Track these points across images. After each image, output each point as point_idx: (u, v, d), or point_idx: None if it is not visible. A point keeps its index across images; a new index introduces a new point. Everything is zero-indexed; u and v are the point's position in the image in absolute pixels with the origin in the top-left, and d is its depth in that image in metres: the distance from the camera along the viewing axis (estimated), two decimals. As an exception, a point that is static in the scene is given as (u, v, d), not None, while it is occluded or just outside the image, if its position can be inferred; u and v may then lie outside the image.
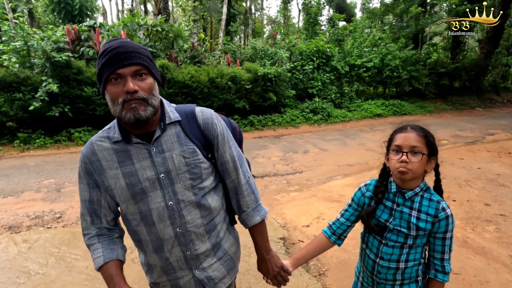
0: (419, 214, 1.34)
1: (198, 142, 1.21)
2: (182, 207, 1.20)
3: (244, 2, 19.18)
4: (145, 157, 1.16)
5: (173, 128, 1.19)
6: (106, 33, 8.73)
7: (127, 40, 1.10)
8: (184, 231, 1.22)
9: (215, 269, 1.33)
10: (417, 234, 1.34)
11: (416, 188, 1.35)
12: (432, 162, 1.35)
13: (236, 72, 9.75)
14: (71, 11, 15.18)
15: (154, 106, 1.11)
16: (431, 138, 1.33)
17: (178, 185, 1.18)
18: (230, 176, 1.31)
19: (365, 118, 12.23)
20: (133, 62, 1.05)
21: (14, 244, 3.43)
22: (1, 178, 5.42)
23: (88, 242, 1.24)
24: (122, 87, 1.05)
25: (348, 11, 30.92)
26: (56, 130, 7.90)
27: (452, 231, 1.34)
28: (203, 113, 1.25)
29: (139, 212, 1.19)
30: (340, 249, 3.30)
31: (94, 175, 1.19)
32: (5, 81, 7.26)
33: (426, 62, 15.69)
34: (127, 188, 1.16)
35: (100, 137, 1.20)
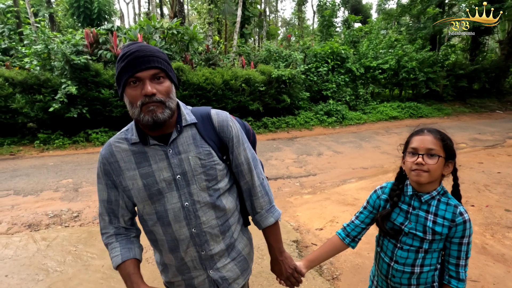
0: (435, 218, 1.32)
1: (213, 144, 1.23)
2: (198, 208, 1.21)
3: (258, 4, 19.24)
4: (162, 158, 1.18)
5: (189, 130, 1.21)
6: (123, 36, 8.91)
7: (146, 44, 1.12)
8: (199, 232, 1.23)
9: (229, 270, 1.34)
10: (433, 238, 1.32)
11: (433, 191, 1.33)
12: (450, 166, 1.33)
13: (250, 74, 9.78)
14: (89, 15, 15.57)
15: (171, 109, 1.12)
16: (448, 142, 1.31)
17: (194, 186, 1.20)
18: (245, 178, 1.33)
19: (380, 121, 12.06)
20: (151, 65, 1.07)
21: (33, 242, 3.53)
22: (22, 177, 5.59)
23: (106, 241, 1.27)
24: (140, 90, 1.07)
25: (363, 12, 30.61)
26: (74, 131, 8.10)
27: (470, 237, 1.31)
28: (218, 116, 1.26)
29: (156, 212, 1.21)
30: (354, 253, 3.27)
31: (112, 176, 1.22)
32: (27, 83, 7.50)
33: (444, 63, 15.35)
34: (144, 189, 1.19)
35: (118, 138, 1.23)
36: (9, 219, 4.10)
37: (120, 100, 7.99)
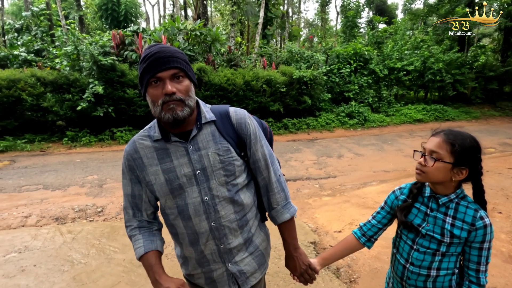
0: (454, 221, 1.29)
1: (232, 141, 1.27)
2: (217, 202, 1.26)
3: (281, 5, 19.23)
4: (183, 154, 1.23)
5: (209, 127, 1.26)
6: (148, 37, 9.14)
7: (166, 45, 1.18)
8: (218, 225, 1.28)
9: (247, 264, 1.38)
10: (451, 241, 1.29)
11: (451, 194, 1.31)
12: (462, 172, 1.26)
13: (271, 75, 9.79)
14: (117, 17, 16.09)
15: (190, 107, 1.18)
16: (459, 147, 1.24)
17: (213, 181, 1.24)
18: (262, 174, 1.37)
19: (404, 123, 11.77)
20: (171, 66, 1.13)
21: (60, 234, 3.69)
22: (51, 172, 5.84)
23: (130, 233, 1.35)
24: (161, 90, 1.13)
25: (388, 12, 29.98)
26: (100, 129, 8.38)
27: (491, 242, 1.28)
28: (236, 113, 1.31)
29: (177, 206, 1.27)
30: (373, 257, 3.22)
31: (136, 171, 1.28)
32: (57, 82, 7.84)
33: (473, 65, 14.79)
34: (166, 184, 1.24)
35: (142, 136, 1.29)
36: (38, 212, 4.30)
37: (143, 100, 8.21)
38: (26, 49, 10.56)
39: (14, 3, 22.41)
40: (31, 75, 7.77)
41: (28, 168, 6.09)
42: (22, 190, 5.04)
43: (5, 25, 12.86)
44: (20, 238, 3.58)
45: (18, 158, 6.72)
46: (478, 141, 1.28)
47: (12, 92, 7.39)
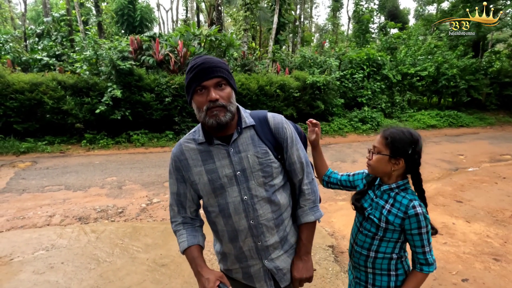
0: (391, 208, 1.45)
1: (269, 144, 1.37)
2: (255, 202, 1.35)
3: (293, 11, 19.35)
4: (224, 156, 1.33)
5: (248, 131, 1.36)
6: (164, 42, 9.33)
7: (210, 56, 1.29)
8: (256, 224, 1.37)
9: (283, 260, 1.46)
10: (386, 227, 1.45)
11: (392, 184, 1.49)
12: (399, 163, 1.45)
13: (285, 80, 9.88)
14: (132, 22, 16.43)
15: (232, 112, 1.28)
16: (390, 139, 1.44)
17: (252, 181, 1.34)
18: (297, 176, 1.45)
19: (417, 129, 11.68)
20: (215, 75, 1.24)
21: (84, 234, 3.81)
22: (72, 174, 6.01)
23: (175, 229, 1.47)
24: (206, 97, 1.24)
25: (401, 18, 29.84)
26: (117, 132, 8.56)
27: (427, 227, 1.41)
28: (274, 118, 1.41)
29: (218, 205, 1.37)
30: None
31: (182, 171, 1.40)
32: (77, 86, 8.07)
33: (488, 71, 14.63)
34: (209, 183, 1.35)
35: (187, 139, 1.41)
36: (62, 211, 4.45)
37: (189, 106, 8.33)
38: (46, 53, 10.87)
39: (33, 9, 23.06)
40: (53, 79, 8.00)
41: (49, 169, 6.28)
42: (45, 190, 5.20)
43: (27, 30, 13.26)
44: (47, 237, 3.72)
45: (40, 159, 6.92)
46: (415, 135, 1.46)
47: (34, 95, 7.63)
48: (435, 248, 3.56)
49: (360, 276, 1.61)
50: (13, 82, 7.59)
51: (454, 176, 6.34)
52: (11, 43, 10.83)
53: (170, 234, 3.80)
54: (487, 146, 9.29)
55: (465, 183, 5.89)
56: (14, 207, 4.53)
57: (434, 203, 4.90)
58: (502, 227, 4.11)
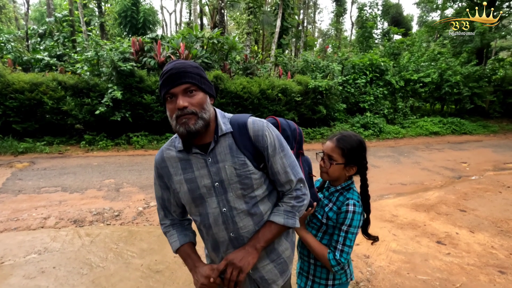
0: (333, 206, 1.57)
1: (248, 154, 1.27)
2: (235, 214, 1.29)
3: (297, 15, 19.35)
4: (203, 166, 1.28)
5: (227, 139, 1.28)
6: (166, 45, 9.28)
7: (181, 61, 1.23)
8: (237, 236, 1.31)
9: (268, 271, 1.39)
10: (327, 222, 1.56)
11: (337, 186, 1.61)
12: (352, 169, 1.57)
13: (287, 84, 9.82)
14: (135, 24, 16.43)
15: (204, 119, 1.21)
16: (348, 151, 1.53)
17: (231, 193, 1.28)
18: (283, 186, 1.36)
19: (420, 136, 11.61)
20: (182, 81, 1.17)
21: (78, 237, 3.72)
22: (69, 175, 5.93)
23: (165, 230, 1.46)
24: (175, 104, 1.18)
25: (404, 24, 29.84)
26: (117, 133, 8.50)
27: (350, 227, 1.47)
28: (254, 125, 1.29)
29: (199, 214, 1.34)
30: (393, 272, 3.16)
31: (164, 178, 1.37)
32: (77, 87, 8.02)
33: (491, 78, 14.55)
34: (188, 193, 1.30)
35: (168, 146, 1.36)
36: (57, 214, 4.36)
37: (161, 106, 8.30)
38: (48, 54, 10.84)
39: (37, 9, 23.15)
40: (53, 79, 7.96)
41: (47, 170, 6.20)
42: (41, 192, 5.12)
43: (29, 30, 13.26)
44: (40, 240, 3.63)
45: (38, 160, 6.85)
46: (363, 142, 1.59)
47: (34, 95, 7.58)
48: (438, 258, 3.46)
49: (303, 266, 1.70)
50: (13, 81, 7.54)
51: (457, 184, 6.24)
52: (13, 42, 10.81)
53: (166, 239, 3.70)
54: (491, 154, 9.18)
55: (469, 191, 5.78)
56: (9, 208, 4.45)
57: (437, 212, 4.80)
58: (507, 238, 4.00)
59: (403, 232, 4.11)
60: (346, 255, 1.47)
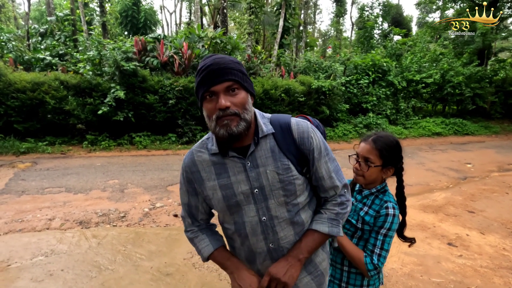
0: (368, 210, 1.51)
1: (292, 158, 1.18)
2: (276, 224, 1.19)
3: (298, 15, 19.32)
4: (240, 171, 1.17)
5: (268, 142, 1.18)
6: (169, 44, 9.23)
7: (220, 56, 1.11)
8: (277, 247, 1.21)
9: (306, 284, 1.29)
10: (362, 227, 1.49)
11: (372, 189, 1.54)
12: (390, 171, 1.52)
13: (290, 84, 9.78)
14: (136, 24, 16.37)
15: (247, 120, 1.10)
16: (386, 152, 1.48)
17: (272, 201, 1.17)
18: (327, 193, 1.26)
19: (422, 136, 11.58)
20: (225, 78, 1.06)
21: (85, 239, 3.66)
22: (73, 175, 5.87)
23: (192, 236, 1.35)
24: (215, 104, 1.07)
25: (404, 25, 29.87)
26: (119, 133, 8.43)
27: (388, 231, 1.43)
28: (298, 126, 1.21)
29: (234, 223, 1.23)
30: (406, 275, 3.11)
31: (194, 184, 1.26)
32: (80, 86, 7.95)
33: (492, 79, 14.55)
34: (223, 200, 1.19)
35: (200, 148, 1.25)
36: (62, 215, 4.30)
37: (200, 113, 8.23)
38: (49, 53, 10.76)
39: (37, 9, 23.04)
40: (55, 78, 7.89)
41: (50, 170, 6.13)
42: (45, 192, 5.06)
43: (30, 29, 13.17)
44: (46, 241, 3.57)
45: (40, 160, 6.78)
46: (399, 143, 1.53)
47: (36, 94, 7.51)
48: (450, 260, 3.42)
49: (335, 274, 1.62)
50: (14, 81, 7.47)
51: (463, 185, 6.20)
52: (14, 41, 10.73)
53: (174, 241, 3.66)
54: (494, 155, 9.16)
55: (475, 192, 5.75)
56: (13, 209, 4.38)
57: (445, 213, 4.76)
58: (519, 240, 3.96)
59: (413, 233, 4.07)
60: (383, 259, 1.42)
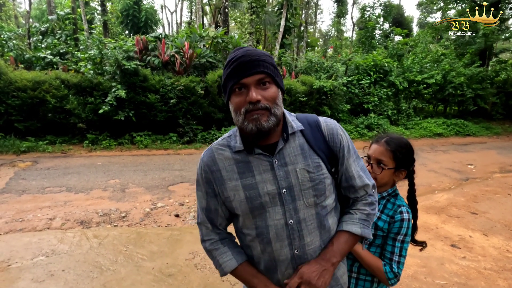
0: (381, 215, 1.45)
1: (323, 155, 1.13)
2: (303, 227, 1.11)
3: (299, 15, 19.29)
4: (267, 169, 1.10)
5: (297, 139, 1.13)
6: (170, 43, 9.20)
7: (252, 48, 1.07)
8: (302, 254, 1.12)
9: None
10: (375, 233, 1.43)
11: (383, 192, 1.48)
12: (402, 173, 1.48)
13: (291, 84, 9.75)
14: (137, 23, 16.34)
15: (277, 116, 1.05)
16: (399, 154, 1.43)
17: (301, 201, 1.10)
18: (357, 193, 1.19)
19: (424, 137, 11.56)
20: (257, 71, 1.01)
21: (86, 239, 3.63)
22: (73, 175, 5.84)
23: (211, 247, 1.22)
24: (245, 97, 1.02)
25: (405, 25, 29.82)
26: (120, 133, 8.40)
27: (405, 237, 1.38)
28: (327, 123, 1.18)
29: (256, 227, 1.13)
30: (410, 277, 3.08)
31: (213, 185, 1.16)
32: (81, 85, 7.92)
33: (494, 80, 14.52)
34: (246, 201, 1.11)
35: (221, 145, 1.17)
36: (63, 214, 4.27)
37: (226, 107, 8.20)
38: (50, 52, 10.73)
39: (37, 8, 23.01)
40: (56, 77, 7.86)
41: (50, 169, 6.11)
42: (45, 192, 5.03)
43: (31, 28, 13.14)
44: (47, 241, 3.54)
45: (40, 159, 6.75)
46: (412, 145, 1.50)
47: (37, 93, 7.48)
48: (454, 262, 3.39)
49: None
50: (15, 79, 7.44)
51: (465, 186, 6.18)
52: (15, 40, 10.70)
53: (176, 241, 3.63)
54: (496, 156, 9.13)
55: (478, 194, 5.72)
56: (13, 209, 4.36)
57: (448, 214, 4.73)
58: (523, 241, 3.94)
59: (416, 235, 4.04)
60: (402, 265, 1.37)
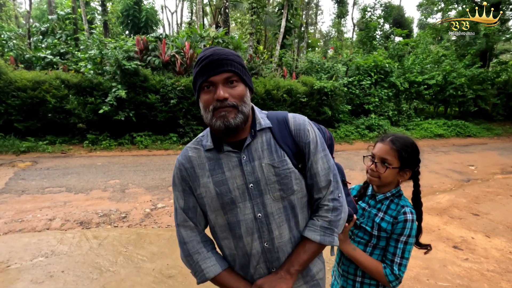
0: (384, 215, 1.43)
1: (288, 150, 1.15)
2: (271, 221, 1.13)
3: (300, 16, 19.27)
4: (235, 165, 1.13)
5: (264, 135, 1.16)
6: (171, 43, 9.18)
7: (221, 48, 1.10)
8: (271, 247, 1.14)
9: None
10: (379, 234, 1.41)
11: (387, 193, 1.46)
12: (407, 174, 1.45)
13: (292, 84, 9.73)
14: (137, 23, 16.33)
15: (244, 113, 1.09)
16: (405, 153, 1.40)
17: (267, 196, 1.12)
18: (320, 192, 1.18)
19: (424, 138, 11.53)
20: (224, 69, 1.05)
21: (86, 240, 3.61)
22: (73, 175, 5.81)
23: (193, 250, 1.18)
24: (213, 95, 1.05)
25: (406, 26, 29.81)
26: (120, 133, 8.38)
27: (408, 238, 1.35)
28: (295, 119, 1.20)
29: (228, 223, 1.15)
30: (412, 278, 3.06)
31: (189, 182, 1.18)
32: (81, 85, 7.90)
33: (495, 81, 14.51)
34: (217, 197, 1.13)
35: (194, 144, 1.21)
36: (62, 215, 4.25)
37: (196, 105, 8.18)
38: (50, 52, 10.71)
39: (38, 8, 23.00)
40: (56, 77, 7.84)
41: (50, 169, 6.08)
42: (45, 192, 5.00)
43: (31, 28, 13.13)
44: (46, 242, 3.51)
45: (40, 159, 6.72)
46: (417, 146, 1.46)
47: (37, 93, 7.46)
48: (456, 263, 3.37)
49: (346, 285, 1.54)
50: (15, 79, 7.42)
51: (466, 188, 6.15)
52: (15, 40, 10.68)
53: (176, 242, 3.59)
54: (497, 157, 9.11)
55: (479, 195, 5.70)
56: (13, 209, 4.33)
57: (450, 216, 4.71)
58: (525, 243, 3.91)
59: (420, 237, 4.01)
60: (404, 268, 1.34)
